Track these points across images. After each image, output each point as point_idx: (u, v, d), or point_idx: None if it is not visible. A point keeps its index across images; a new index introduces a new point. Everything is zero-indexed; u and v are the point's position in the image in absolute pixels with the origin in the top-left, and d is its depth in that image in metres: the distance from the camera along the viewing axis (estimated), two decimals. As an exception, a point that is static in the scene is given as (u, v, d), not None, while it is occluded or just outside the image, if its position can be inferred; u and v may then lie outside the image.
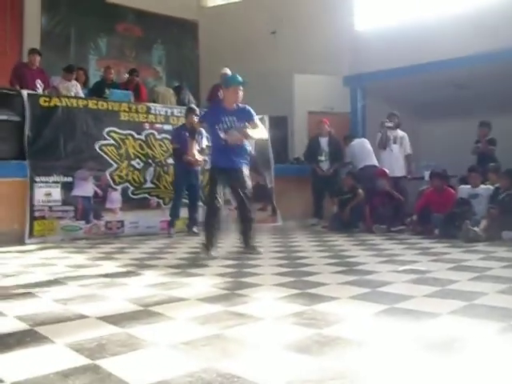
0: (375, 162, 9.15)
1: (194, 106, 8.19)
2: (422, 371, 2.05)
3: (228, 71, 9.50)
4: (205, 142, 7.67)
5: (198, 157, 6.88)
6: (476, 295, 3.31)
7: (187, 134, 7.12)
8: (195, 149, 6.65)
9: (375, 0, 11.21)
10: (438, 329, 2.64)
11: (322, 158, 9.19)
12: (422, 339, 2.45)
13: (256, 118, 5.61)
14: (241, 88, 5.48)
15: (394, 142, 8.91)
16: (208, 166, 6.70)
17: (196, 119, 6.79)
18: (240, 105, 5.55)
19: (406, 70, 9.81)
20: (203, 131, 7.65)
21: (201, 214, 7.69)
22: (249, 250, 5.54)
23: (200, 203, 7.90)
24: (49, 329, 2.69)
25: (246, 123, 5.49)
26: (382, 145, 8.98)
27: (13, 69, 8.57)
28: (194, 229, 7.67)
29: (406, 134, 9.08)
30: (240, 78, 5.54)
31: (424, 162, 9.98)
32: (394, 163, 8.82)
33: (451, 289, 3.54)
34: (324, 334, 2.53)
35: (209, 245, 5.41)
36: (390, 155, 8.88)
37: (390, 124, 8.94)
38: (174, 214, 7.65)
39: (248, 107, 5.59)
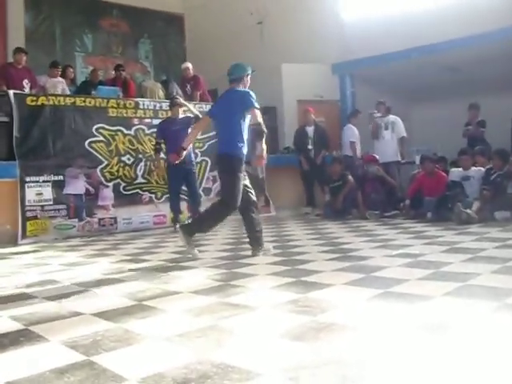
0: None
1: (177, 96, 7.95)
2: (417, 353, 2.05)
3: (189, 65, 9.49)
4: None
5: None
6: (470, 276, 3.32)
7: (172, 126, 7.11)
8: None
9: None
10: (433, 311, 2.64)
11: (310, 147, 9.19)
12: (417, 322, 2.45)
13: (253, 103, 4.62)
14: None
15: (386, 129, 8.99)
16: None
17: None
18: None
19: (394, 55, 9.79)
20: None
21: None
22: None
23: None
24: (43, 327, 2.69)
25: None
26: (373, 135, 9.13)
27: (-2, 69, 8.49)
28: None
29: (397, 118, 9.11)
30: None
31: (414, 146, 10.02)
32: (386, 149, 8.90)
33: (445, 271, 3.55)
34: (319, 320, 2.53)
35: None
36: (382, 142, 9.00)
37: (378, 114, 9.01)
38: (175, 210, 7.43)
39: (238, 89, 4.74)
